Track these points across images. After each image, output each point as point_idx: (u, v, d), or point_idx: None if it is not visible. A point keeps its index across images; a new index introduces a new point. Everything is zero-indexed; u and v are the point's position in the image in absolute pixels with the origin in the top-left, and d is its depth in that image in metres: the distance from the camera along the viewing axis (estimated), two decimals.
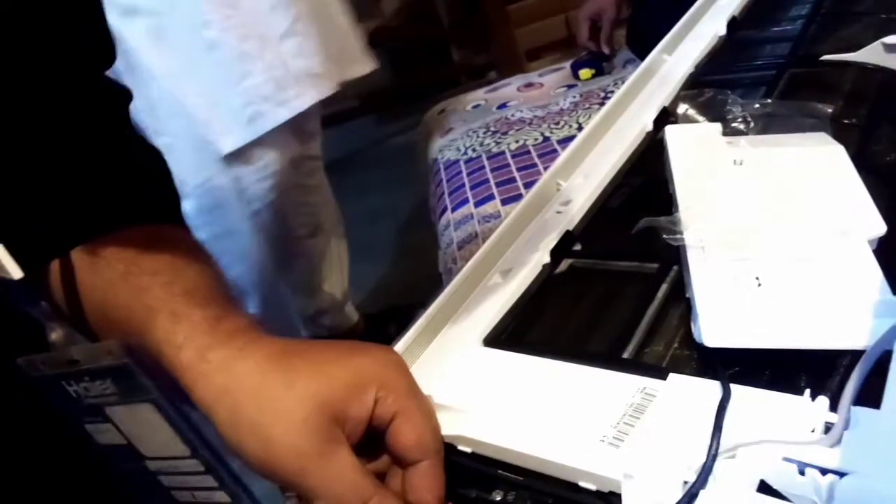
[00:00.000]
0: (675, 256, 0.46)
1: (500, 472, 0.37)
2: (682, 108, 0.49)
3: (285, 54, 1.07)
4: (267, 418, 0.33)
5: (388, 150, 2.72)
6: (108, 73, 0.39)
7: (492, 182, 1.08)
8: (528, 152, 1.14)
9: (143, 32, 1.01)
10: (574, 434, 0.36)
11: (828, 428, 0.32)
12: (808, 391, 0.33)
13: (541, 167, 1.07)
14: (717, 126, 0.51)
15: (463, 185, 1.12)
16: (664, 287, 0.45)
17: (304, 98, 1.10)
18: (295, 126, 1.13)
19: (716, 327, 0.37)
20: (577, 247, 0.52)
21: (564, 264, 0.51)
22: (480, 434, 0.38)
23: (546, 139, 1.16)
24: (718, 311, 0.38)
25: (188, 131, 1.07)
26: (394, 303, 1.71)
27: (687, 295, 0.42)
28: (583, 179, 0.59)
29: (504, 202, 1.03)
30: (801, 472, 0.30)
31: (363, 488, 0.34)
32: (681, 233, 0.42)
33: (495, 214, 1.01)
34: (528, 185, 1.04)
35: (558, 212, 0.55)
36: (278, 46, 1.06)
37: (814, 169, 0.47)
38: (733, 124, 0.48)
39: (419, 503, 0.35)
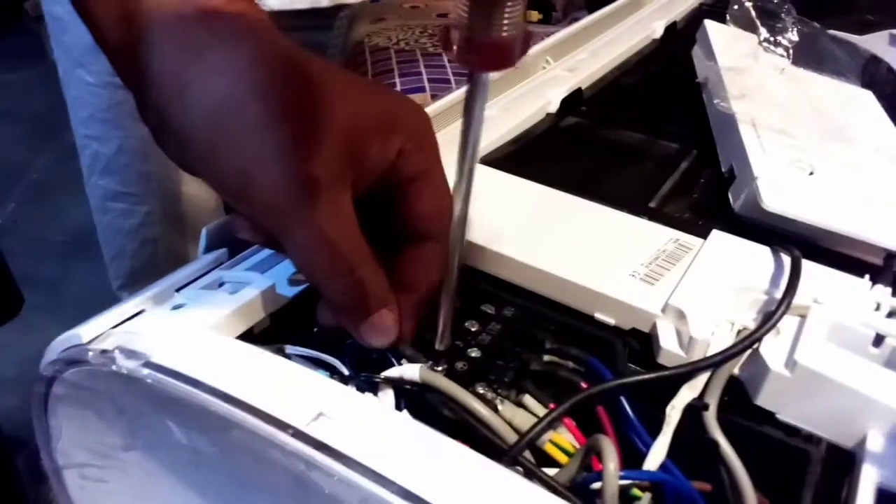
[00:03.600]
0: (694, 140, 0.42)
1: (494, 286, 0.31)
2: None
3: None
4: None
5: None
6: None
7: (424, 76, 1.01)
8: None
9: None
10: (598, 263, 0.30)
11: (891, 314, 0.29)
12: (867, 276, 0.30)
13: None
14: (754, 37, 0.48)
15: (391, 70, 1.03)
16: (684, 163, 0.41)
17: None
18: None
19: (776, 194, 0.33)
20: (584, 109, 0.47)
21: (570, 121, 0.45)
22: (487, 243, 0.31)
23: None
24: (778, 181, 0.34)
25: None
26: None
27: (725, 168, 0.38)
28: (587, 56, 0.54)
29: (435, 98, 0.95)
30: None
31: (357, 249, 0.26)
32: (730, 102, 0.38)
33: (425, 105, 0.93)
34: None
35: (566, 71, 0.49)
36: None
37: (848, 99, 0.45)
38: (778, 37, 0.45)
39: (410, 284, 0.28)
